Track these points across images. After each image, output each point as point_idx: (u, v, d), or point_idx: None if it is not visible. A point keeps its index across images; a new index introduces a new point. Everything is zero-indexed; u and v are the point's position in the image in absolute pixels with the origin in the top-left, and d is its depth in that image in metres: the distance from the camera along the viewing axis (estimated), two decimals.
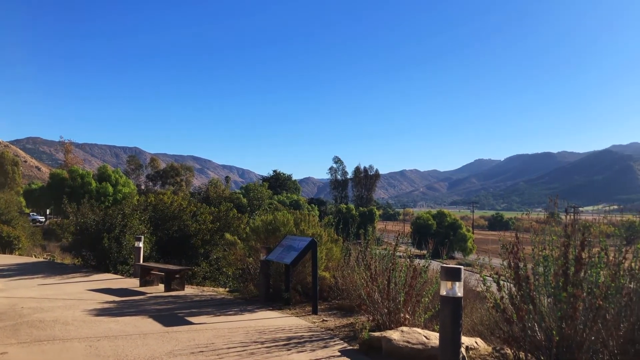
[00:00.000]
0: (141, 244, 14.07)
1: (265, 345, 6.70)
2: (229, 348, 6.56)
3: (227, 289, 13.16)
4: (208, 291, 12.29)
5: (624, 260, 5.16)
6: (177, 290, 11.83)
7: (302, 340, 7.08)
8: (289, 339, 7.14)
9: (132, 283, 12.95)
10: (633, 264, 5.10)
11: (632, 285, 5.02)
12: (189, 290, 12.22)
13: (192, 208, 18.68)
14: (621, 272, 5.09)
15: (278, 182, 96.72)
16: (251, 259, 11.50)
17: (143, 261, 14.04)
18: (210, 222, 18.03)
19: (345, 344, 6.88)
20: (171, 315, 8.91)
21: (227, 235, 12.61)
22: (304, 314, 9.17)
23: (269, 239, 11.02)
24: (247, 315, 8.95)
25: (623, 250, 5.21)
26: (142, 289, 11.99)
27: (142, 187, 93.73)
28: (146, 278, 12.57)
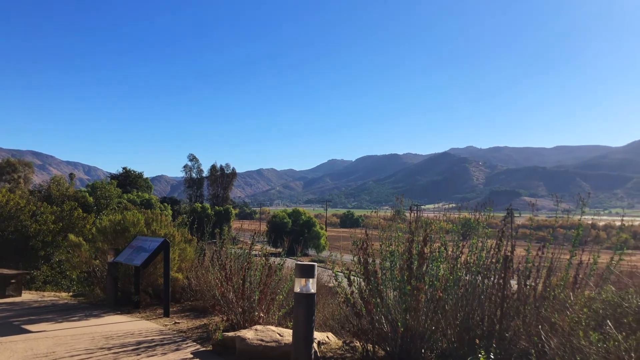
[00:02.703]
0: None
1: (112, 351, 6.36)
2: (72, 356, 6.12)
3: (71, 294, 12.37)
4: (49, 296, 11.46)
5: (460, 254, 5.62)
6: (13, 296, 10.88)
7: (153, 344, 6.82)
8: (139, 343, 6.84)
9: None
10: (468, 258, 5.57)
11: (467, 278, 5.48)
12: (27, 295, 11.30)
13: (31, 207, 17.21)
14: (458, 266, 5.53)
15: (128, 180, 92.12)
16: (98, 261, 10.92)
17: None
18: (52, 222, 16.76)
19: (199, 346, 6.75)
20: (6, 323, 8.12)
21: (71, 237, 11.80)
22: (155, 316, 8.86)
23: (118, 240, 10.52)
24: (92, 321, 8.45)
25: (460, 245, 5.68)
26: None
27: None
28: None
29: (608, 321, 3.78)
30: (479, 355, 4.55)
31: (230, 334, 6.47)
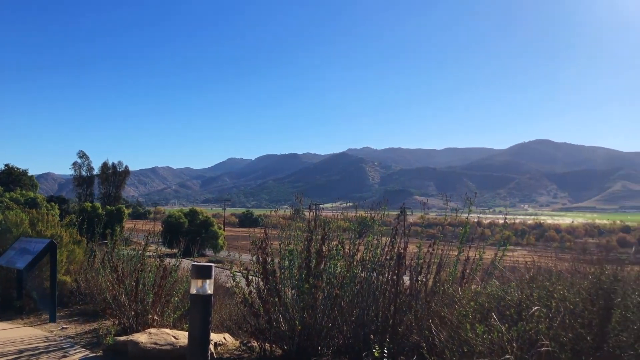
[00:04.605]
0: None
1: None
2: None
3: None
4: None
5: (357, 252, 5.75)
6: None
7: (37, 351, 6.42)
8: (21, 351, 6.40)
9: None
10: (364, 255, 5.72)
11: (363, 275, 5.62)
12: None
13: None
14: (355, 263, 5.66)
15: (11, 177, 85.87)
16: None
17: None
18: None
19: (88, 352, 6.44)
20: None
21: None
22: (40, 322, 8.36)
23: None
24: None
25: (356, 242, 5.81)
26: None
27: None
28: None
29: (493, 314, 4.01)
30: (374, 350, 4.68)
31: (123, 338, 6.23)
